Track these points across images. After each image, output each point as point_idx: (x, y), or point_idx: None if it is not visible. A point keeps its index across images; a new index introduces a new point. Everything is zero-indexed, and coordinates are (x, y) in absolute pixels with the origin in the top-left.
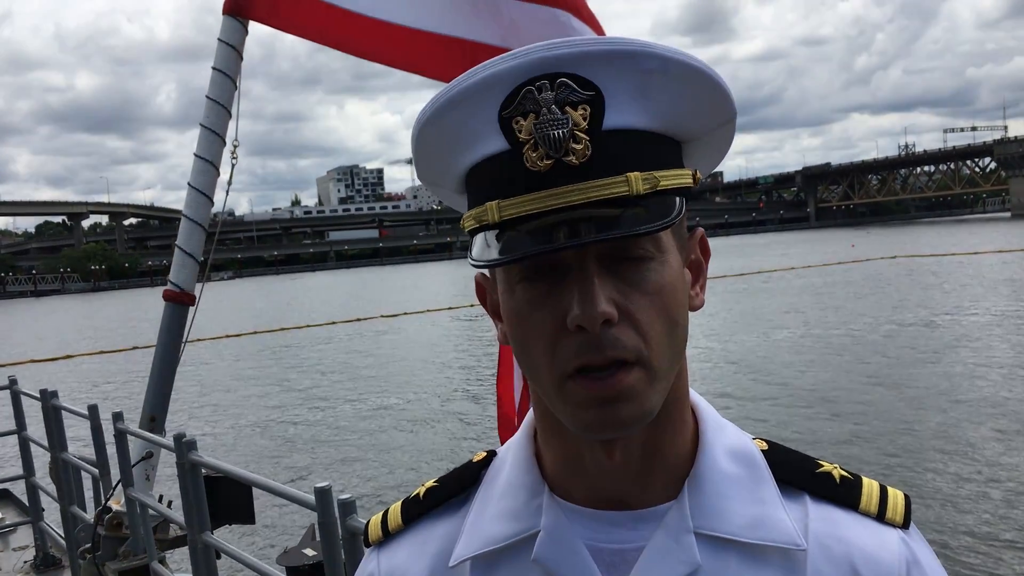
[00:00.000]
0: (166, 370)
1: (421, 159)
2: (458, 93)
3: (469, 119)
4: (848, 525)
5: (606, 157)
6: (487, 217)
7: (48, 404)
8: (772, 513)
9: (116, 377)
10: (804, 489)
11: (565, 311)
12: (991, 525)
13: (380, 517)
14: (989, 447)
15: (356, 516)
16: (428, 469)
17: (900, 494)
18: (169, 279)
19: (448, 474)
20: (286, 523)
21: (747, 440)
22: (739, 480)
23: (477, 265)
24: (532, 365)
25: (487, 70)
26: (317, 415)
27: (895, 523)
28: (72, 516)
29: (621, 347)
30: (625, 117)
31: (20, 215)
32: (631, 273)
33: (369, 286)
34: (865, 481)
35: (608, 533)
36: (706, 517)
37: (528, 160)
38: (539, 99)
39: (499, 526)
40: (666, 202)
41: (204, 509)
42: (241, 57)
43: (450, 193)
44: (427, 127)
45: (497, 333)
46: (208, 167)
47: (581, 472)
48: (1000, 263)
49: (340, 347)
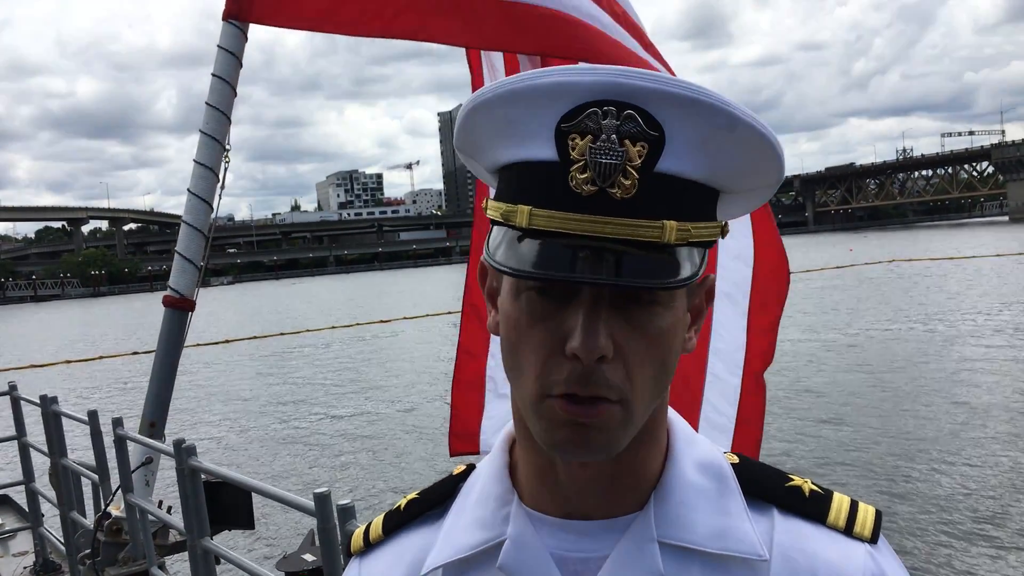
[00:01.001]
0: (166, 376)
1: (464, 134)
2: (523, 89)
3: (526, 118)
4: (814, 538)
5: (648, 198)
6: (515, 219)
7: (48, 410)
8: (737, 524)
9: (116, 382)
10: (772, 503)
11: (565, 335)
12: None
13: (363, 529)
14: (990, 447)
15: (355, 522)
16: (429, 475)
17: (871, 509)
18: (169, 285)
19: (429, 487)
20: (285, 529)
21: (717, 454)
22: (705, 492)
23: (495, 267)
24: (518, 373)
25: (560, 76)
26: (317, 420)
27: (863, 537)
28: (72, 522)
29: (607, 386)
30: (679, 164)
31: (20, 220)
32: (637, 315)
33: (369, 291)
34: (835, 496)
35: (575, 542)
36: (670, 527)
37: (573, 180)
38: (601, 123)
39: (469, 535)
40: (691, 254)
41: (204, 514)
42: (241, 64)
43: (482, 169)
44: (480, 109)
45: (489, 319)
46: (208, 173)
47: (552, 483)
48: (998, 267)
49: (340, 352)
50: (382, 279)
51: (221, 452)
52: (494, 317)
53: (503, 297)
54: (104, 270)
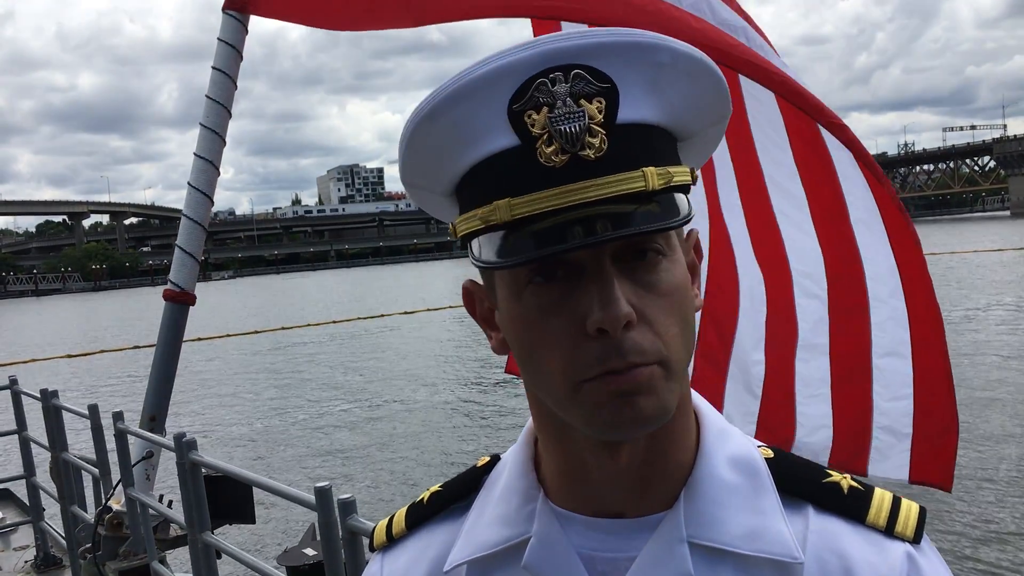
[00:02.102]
0: (166, 370)
1: (412, 157)
2: (462, 86)
3: (474, 114)
4: (850, 538)
5: (622, 152)
6: (496, 216)
7: (49, 404)
8: (771, 524)
9: (116, 376)
10: (808, 500)
11: (584, 315)
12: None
13: (386, 522)
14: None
15: (356, 516)
16: (430, 469)
17: (914, 506)
18: (169, 279)
19: (452, 479)
20: (286, 523)
21: (751, 448)
22: (738, 489)
23: (488, 266)
24: (542, 373)
25: (495, 62)
26: (318, 414)
27: (904, 537)
28: (73, 516)
29: (640, 352)
30: (638, 111)
31: (21, 215)
32: (645, 274)
33: (370, 285)
34: (876, 492)
35: (603, 541)
36: (701, 526)
37: (542, 155)
38: (553, 91)
39: (493, 531)
40: (676, 199)
41: (204, 509)
42: (241, 56)
43: (435, 197)
44: (425, 123)
45: (491, 343)
46: (208, 167)
47: (582, 479)
48: (1000, 262)
49: (341, 346)
50: (383, 273)
51: (222, 446)
52: (496, 338)
53: (504, 307)
54: (105, 264)
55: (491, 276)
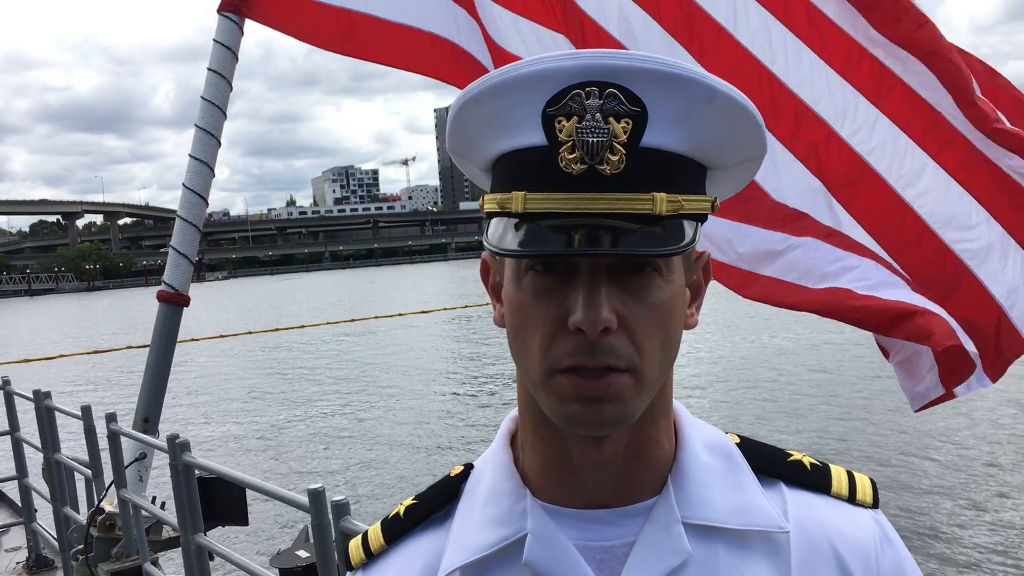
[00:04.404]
0: (160, 371)
1: (456, 133)
2: (509, 80)
3: (514, 107)
4: (823, 508)
5: (637, 173)
6: (510, 206)
7: (41, 405)
8: (753, 500)
9: (110, 377)
10: (779, 477)
11: (568, 311)
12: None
13: (360, 540)
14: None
15: (350, 518)
16: (423, 471)
17: (866, 478)
18: (163, 280)
19: (426, 491)
20: (280, 525)
21: (720, 434)
22: (719, 471)
23: (493, 251)
24: (524, 354)
25: (542, 64)
26: (311, 417)
27: (866, 504)
28: (65, 517)
29: (614, 355)
30: (663, 138)
31: (14, 214)
32: (636, 287)
33: (365, 287)
34: (833, 468)
35: (595, 531)
36: (692, 507)
37: (563, 160)
38: (585, 104)
39: (485, 534)
40: (682, 226)
41: (197, 510)
42: (236, 58)
43: (475, 169)
44: (469, 105)
45: (494, 314)
46: (203, 168)
47: (567, 472)
48: None
49: (335, 348)
50: (378, 275)
51: (215, 448)
52: (499, 311)
53: (507, 286)
54: (99, 264)
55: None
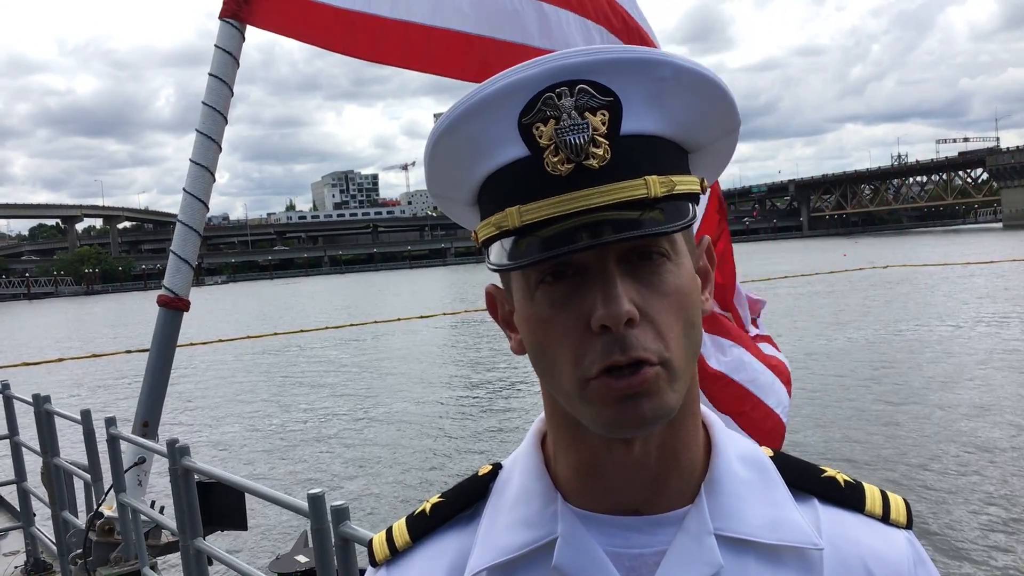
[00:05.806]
0: (160, 375)
1: (436, 170)
2: (478, 102)
3: (488, 127)
4: (857, 526)
5: (625, 161)
6: (507, 222)
7: (40, 409)
8: (787, 515)
9: (109, 382)
10: (813, 493)
11: (589, 312)
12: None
13: (384, 535)
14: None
15: (349, 523)
16: (422, 476)
17: (900, 498)
18: (164, 284)
19: (453, 489)
20: (279, 529)
21: (755, 446)
22: (753, 484)
23: (499, 268)
24: (553, 369)
25: (506, 78)
26: (311, 421)
27: (899, 524)
28: (64, 521)
29: (643, 348)
30: (641, 123)
31: (14, 218)
32: (649, 275)
33: (364, 292)
34: (866, 486)
35: (626, 538)
36: (725, 519)
37: (549, 165)
38: (559, 105)
39: (514, 535)
40: (680, 206)
41: (196, 515)
42: (238, 63)
43: (460, 207)
44: (444, 137)
45: (511, 344)
46: (204, 172)
47: (598, 477)
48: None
49: (335, 353)
50: (377, 280)
51: (214, 452)
52: (515, 339)
53: (519, 308)
54: (98, 268)
55: (508, 280)
